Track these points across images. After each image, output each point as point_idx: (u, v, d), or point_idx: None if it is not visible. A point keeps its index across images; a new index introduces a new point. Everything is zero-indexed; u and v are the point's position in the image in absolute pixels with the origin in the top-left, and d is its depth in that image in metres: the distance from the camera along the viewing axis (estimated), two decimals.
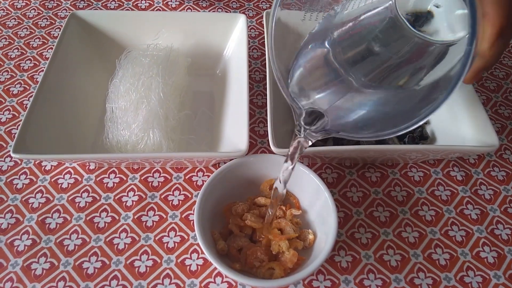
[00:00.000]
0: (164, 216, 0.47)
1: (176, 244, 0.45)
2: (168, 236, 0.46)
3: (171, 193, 0.49)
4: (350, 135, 0.34)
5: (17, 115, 0.56)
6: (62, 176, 0.50)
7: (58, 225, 0.46)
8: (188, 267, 0.44)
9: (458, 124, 0.50)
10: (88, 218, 0.47)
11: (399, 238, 0.46)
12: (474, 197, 0.50)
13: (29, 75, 0.60)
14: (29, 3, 0.71)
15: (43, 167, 0.51)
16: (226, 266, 0.37)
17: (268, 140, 0.45)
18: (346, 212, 0.48)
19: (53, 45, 0.53)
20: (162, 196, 0.49)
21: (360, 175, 0.51)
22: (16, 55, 0.63)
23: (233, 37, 0.58)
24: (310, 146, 0.37)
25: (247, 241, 0.42)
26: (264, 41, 0.54)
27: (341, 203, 0.49)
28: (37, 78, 0.60)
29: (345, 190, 0.50)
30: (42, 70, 0.60)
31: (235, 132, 0.48)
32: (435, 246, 0.46)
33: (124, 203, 0.48)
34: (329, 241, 0.39)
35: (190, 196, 0.49)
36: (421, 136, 0.52)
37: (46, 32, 0.67)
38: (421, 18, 0.53)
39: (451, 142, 0.49)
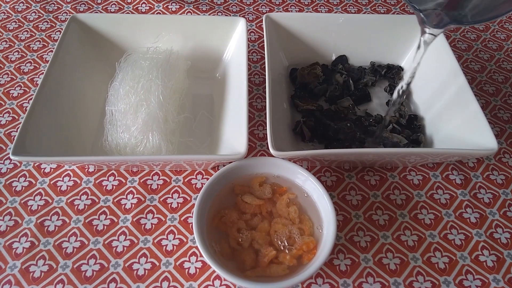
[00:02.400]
0: (163, 219, 0.47)
1: (174, 247, 0.45)
2: (167, 239, 0.46)
3: (170, 195, 0.49)
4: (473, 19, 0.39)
5: (16, 117, 0.56)
6: (61, 179, 0.50)
7: (56, 227, 0.46)
8: (186, 270, 0.44)
9: (457, 127, 0.50)
10: (87, 221, 0.47)
11: (398, 241, 0.46)
12: (473, 201, 0.50)
13: (29, 78, 0.61)
14: (29, 6, 0.72)
15: (42, 170, 0.51)
16: (224, 269, 0.37)
17: (267, 143, 0.45)
18: (345, 215, 0.48)
19: (53, 48, 0.53)
20: (161, 199, 0.49)
21: (359, 179, 0.51)
22: (16, 58, 0.63)
23: (232, 40, 0.58)
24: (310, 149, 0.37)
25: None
26: (264, 45, 0.54)
27: (340, 206, 0.49)
28: (37, 81, 0.60)
29: (344, 193, 0.50)
30: (42, 73, 0.60)
31: (234, 135, 0.48)
32: (434, 249, 0.46)
33: (123, 205, 0.48)
34: (328, 244, 0.39)
35: (189, 199, 0.49)
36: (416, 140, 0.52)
37: (47, 35, 0.67)
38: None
39: (450, 146, 0.49)
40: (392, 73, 0.59)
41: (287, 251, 0.41)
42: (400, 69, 0.60)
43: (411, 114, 0.55)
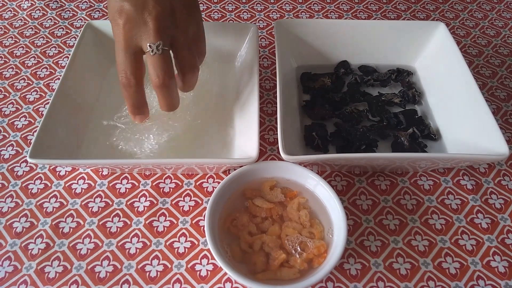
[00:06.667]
0: (175, 222, 0.48)
1: (186, 249, 0.46)
2: (179, 241, 0.46)
3: (182, 199, 0.50)
4: None
5: (33, 121, 0.57)
6: (76, 182, 0.51)
7: (71, 229, 0.47)
8: (198, 272, 0.44)
9: (468, 133, 0.50)
10: (100, 223, 0.48)
11: (408, 246, 0.46)
12: (484, 206, 0.50)
13: (45, 83, 0.62)
14: (45, 13, 0.73)
15: (57, 173, 0.52)
16: (236, 271, 0.38)
17: (277, 148, 0.45)
18: (356, 220, 0.48)
19: (69, 54, 0.55)
20: (173, 202, 0.50)
21: (370, 183, 0.52)
22: (32, 63, 0.65)
23: (244, 46, 0.59)
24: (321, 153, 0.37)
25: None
26: (274, 51, 0.55)
27: (350, 210, 0.49)
28: (52, 86, 0.62)
29: (355, 198, 0.50)
30: (58, 78, 0.62)
31: (245, 139, 0.48)
32: (445, 255, 0.46)
33: (136, 208, 0.49)
34: (339, 248, 0.39)
35: (200, 202, 0.50)
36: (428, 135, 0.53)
37: (62, 41, 0.68)
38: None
39: (461, 151, 0.49)
40: (403, 76, 0.60)
41: (297, 255, 0.42)
42: (409, 73, 0.60)
43: (432, 133, 0.54)
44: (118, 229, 0.47)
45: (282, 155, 0.44)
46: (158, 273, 0.44)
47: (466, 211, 0.49)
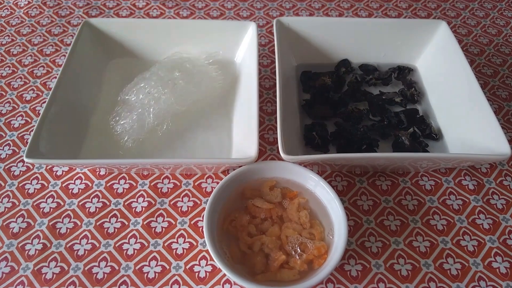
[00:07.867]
0: (173, 222, 0.47)
1: (184, 250, 0.45)
2: (177, 242, 0.46)
3: (180, 199, 0.49)
4: None
5: (29, 120, 0.57)
6: (73, 182, 0.51)
7: (68, 230, 0.47)
8: (196, 273, 0.44)
9: (470, 132, 0.49)
10: (98, 224, 0.47)
11: (410, 247, 0.46)
12: (486, 207, 0.49)
13: (42, 82, 0.61)
14: (42, 11, 0.73)
15: (54, 173, 0.51)
16: (235, 272, 0.37)
17: (277, 147, 0.45)
18: (356, 220, 0.48)
19: (66, 52, 0.54)
20: (171, 202, 0.49)
21: (371, 184, 0.51)
22: (29, 62, 0.64)
23: (243, 45, 0.59)
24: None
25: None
26: (274, 49, 0.54)
27: (351, 211, 0.49)
28: (49, 85, 0.61)
29: (355, 198, 0.50)
30: (55, 77, 0.61)
31: (245, 139, 0.48)
32: (447, 256, 0.45)
33: (134, 209, 0.48)
34: (339, 249, 0.39)
35: (199, 202, 0.49)
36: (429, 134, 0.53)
37: (59, 39, 0.68)
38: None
39: (463, 151, 0.49)
40: (404, 73, 0.59)
41: (297, 256, 0.41)
42: (410, 70, 0.60)
43: (433, 133, 0.53)
44: (116, 229, 0.47)
45: (282, 155, 0.43)
46: (156, 274, 0.44)
47: (468, 211, 0.49)
